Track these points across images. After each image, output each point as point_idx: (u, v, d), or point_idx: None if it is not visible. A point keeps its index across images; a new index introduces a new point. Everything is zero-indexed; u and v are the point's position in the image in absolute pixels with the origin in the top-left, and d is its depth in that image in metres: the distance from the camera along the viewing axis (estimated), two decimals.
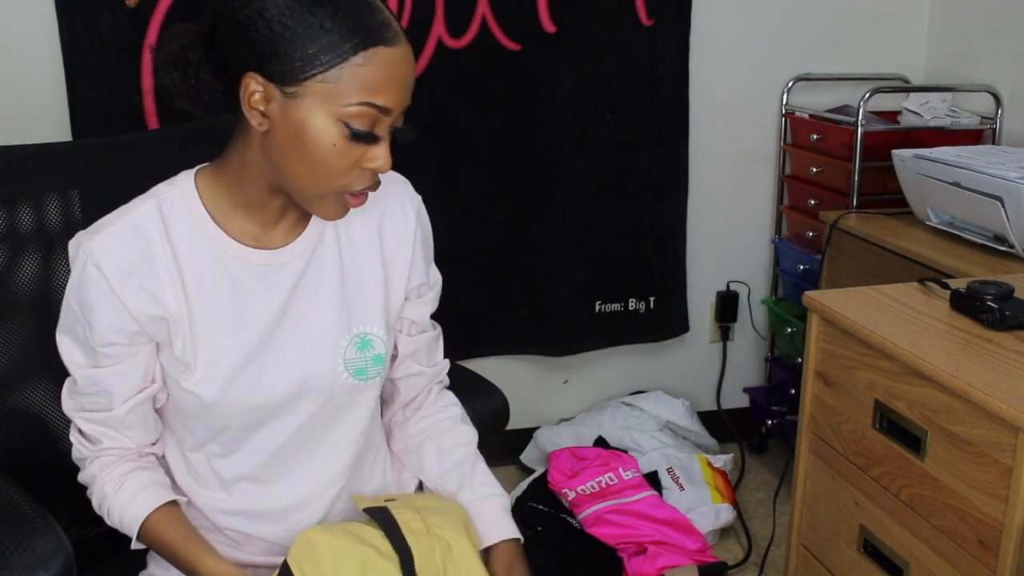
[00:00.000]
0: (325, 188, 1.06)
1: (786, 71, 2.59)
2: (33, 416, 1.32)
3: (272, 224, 1.14)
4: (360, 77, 1.00)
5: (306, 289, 1.16)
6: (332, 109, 1.01)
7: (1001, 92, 2.38)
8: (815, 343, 1.57)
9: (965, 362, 1.30)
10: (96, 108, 2.11)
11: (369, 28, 1.00)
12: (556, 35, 2.36)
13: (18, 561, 1.02)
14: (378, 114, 1.03)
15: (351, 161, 1.04)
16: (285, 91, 1.01)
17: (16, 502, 1.12)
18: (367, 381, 1.19)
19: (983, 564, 1.26)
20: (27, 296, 1.32)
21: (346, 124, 1.02)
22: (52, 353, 1.14)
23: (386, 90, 1.02)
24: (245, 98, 1.03)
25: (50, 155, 1.40)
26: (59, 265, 1.34)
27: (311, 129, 1.02)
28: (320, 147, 1.02)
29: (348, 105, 1.01)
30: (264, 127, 1.04)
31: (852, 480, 1.52)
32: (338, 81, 1.00)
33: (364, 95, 1.01)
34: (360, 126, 1.02)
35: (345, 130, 1.02)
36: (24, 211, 1.33)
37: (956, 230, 2.01)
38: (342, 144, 1.03)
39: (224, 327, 1.12)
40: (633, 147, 2.49)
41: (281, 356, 1.15)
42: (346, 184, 1.06)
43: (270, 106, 1.02)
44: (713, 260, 2.70)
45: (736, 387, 2.83)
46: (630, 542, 2.15)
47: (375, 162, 1.05)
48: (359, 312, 1.19)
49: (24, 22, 2.09)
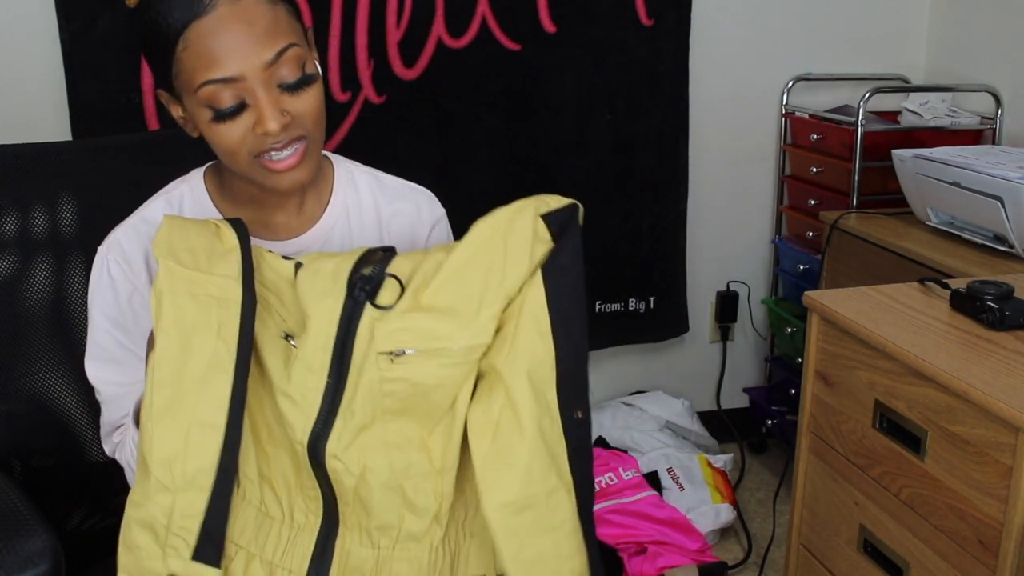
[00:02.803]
0: (241, 164, 1.06)
1: (786, 71, 2.59)
2: (43, 410, 1.32)
3: (280, 216, 1.15)
4: (189, 61, 1.00)
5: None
6: (194, 99, 1.02)
7: (1001, 92, 2.38)
8: (815, 343, 1.57)
9: (965, 362, 1.30)
10: (96, 108, 2.11)
11: (180, 8, 0.99)
12: (556, 35, 2.36)
13: (7, 559, 1.03)
14: (223, 86, 1.00)
15: (239, 135, 1.03)
16: (173, 96, 1.06)
17: (9, 500, 1.12)
18: None
19: (983, 564, 1.26)
20: (30, 293, 1.33)
21: (208, 107, 1.02)
22: (60, 348, 1.15)
23: (217, 60, 0.99)
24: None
25: (50, 155, 1.40)
26: (61, 263, 1.34)
27: (197, 120, 1.04)
28: (209, 134, 1.04)
29: (197, 90, 1.01)
30: (195, 132, 1.08)
31: (852, 480, 1.52)
32: (181, 73, 1.02)
33: (203, 74, 1.00)
34: (220, 104, 1.01)
35: (210, 112, 1.02)
36: (24, 211, 1.33)
37: (956, 230, 2.01)
38: (215, 126, 1.03)
39: None
40: (633, 147, 2.49)
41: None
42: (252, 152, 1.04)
43: (181, 112, 1.07)
44: (713, 260, 2.70)
45: (736, 387, 2.82)
46: (630, 542, 2.15)
47: (261, 127, 1.02)
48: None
49: (24, 22, 2.09)
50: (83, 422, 1.35)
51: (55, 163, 1.39)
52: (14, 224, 1.32)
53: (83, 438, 1.35)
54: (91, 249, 1.32)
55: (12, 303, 1.32)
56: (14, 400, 1.32)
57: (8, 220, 1.32)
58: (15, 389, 1.32)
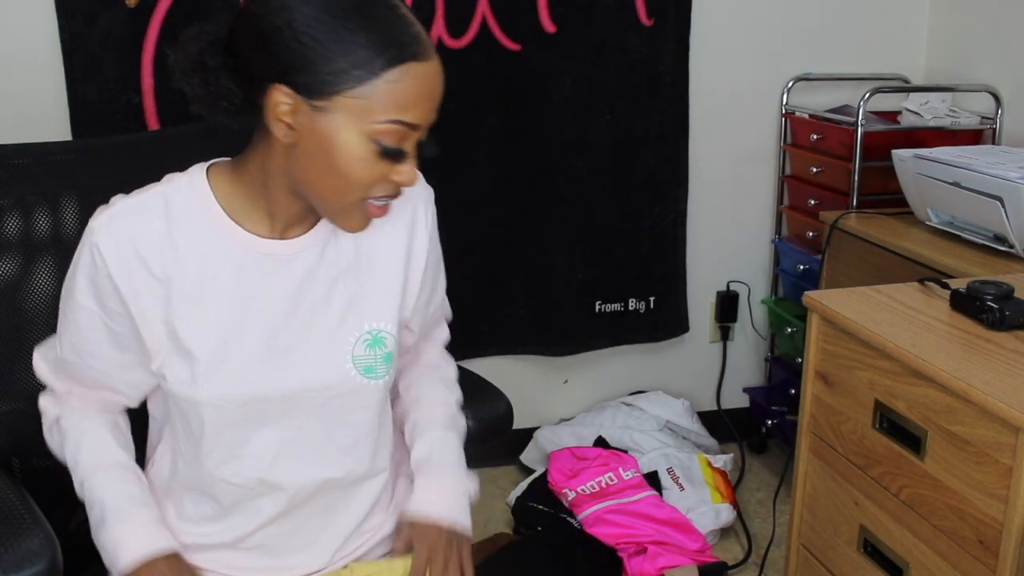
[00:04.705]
0: (349, 200, 1.06)
1: (786, 71, 2.59)
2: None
3: (293, 221, 1.13)
4: (391, 93, 1.00)
5: (319, 281, 1.15)
6: (362, 125, 1.00)
7: (1001, 92, 2.38)
8: (815, 343, 1.57)
9: (965, 362, 1.30)
10: (96, 108, 2.11)
11: (401, 42, 1.00)
12: (556, 35, 2.36)
13: (4, 557, 1.03)
14: (407, 130, 1.02)
15: (377, 175, 1.04)
16: (313, 104, 1.00)
17: (6, 498, 1.12)
18: (376, 380, 1.18)
19: (983, 564, 1.26)
20: (30, 293, 1.33)
21: (375, 140, 1.01)
22: None
23: (416, 106, 1.02)
24: (270, 109, 1.01)
25: (50, 155, 1.40)
26: (60, 263, 1.34)
27: (339, 144, 1.01)
28: (348, 162, 1.02)
29: (378, 122, 1.00)
30: (290, 139, 1.03)
31: (852, 480, 1.52)
32: (369, 97, 0.99)
33: (395, 112, 1.00)
34: (389, 142, 1.02)
35: (374, 146, 1.02)
36: (24, 211, 1.33)
37: (956, 230, 2.01)
38: (371, 160, 1.02)
39: (227, 318, 1.11)
40: (633, 147, 2.49)
41: (287, 350, 1.13)
42: (369, 194, 1.06)
43: (297, 118, 1.01)
44: (713, 260, 2.70)
45: (736, 387, 2.82)
46: (630, 542, 2.15)
47: (402, 176, 1.05)
48: (372, 308, 1.17)
49: (24, 22, 2.09)
50: None
51: (55, 163, 1.39)
52: (14, 224, 1.32)
53: None
54: None
55: (12, 303, 1.32)
56: (14, 399, 1.32)
57: (8, 220, 1.32)
58: (15, 388, 1.32)
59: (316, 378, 1.14)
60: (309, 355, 1.14)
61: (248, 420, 1.13)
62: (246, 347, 1.12)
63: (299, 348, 1.14)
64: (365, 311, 1.17)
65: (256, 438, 1.15)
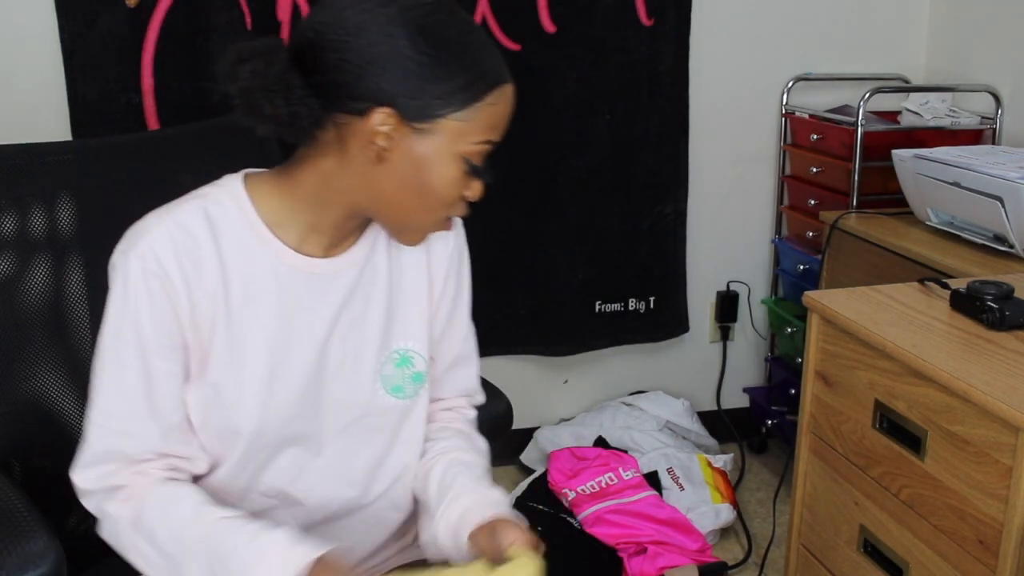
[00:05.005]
0: (430, 218, 1.06)
1: (786, 71, 2.59)
2: (42, 411, 1.32)
3: (338, 239, 1.10)
4: (489, 115, 1.02)
5: (356, 301, 1.12)
6: (459, 146, 1.01)
7: (1001, 92, 2.38)
8: (815, 343, 1.57)
9: (965, 362, 1.30)
10: (96, 108, 2.11)
11: (495, 65, 1.02)
12: (556, 35, 2.36)
13: (8, 560, 1.02)
14: (489, 149, 1.04)
15: (460, 193, 1.05)
16: (414, 127, 0.99)
17: (10, 501, 1.12)
18: (403, 400, 1.15)
19: (983, 564, 1.26)
20: (29, 294, 1.32)
21: (466, 160, 1.02)
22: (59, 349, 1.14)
23: (503, 126, 1.05)
24: (365, 131, 0.99)
25: (50, 155, 1.40)
26: (60, 264, 1.34)
27: (434, 165, 1.01)
28: (440, 181, 1.02)
29: (474, 143, 1.02)
30: (379, 159, 1.00)
31: (852, 480, 1.52)
32: (471, 120, 1.00)
33: (488, 133, 1.03)
34: (477, 162, 1.03)
35: (465, 166, 1.02)
36: (23, 211, 1.33)
37: (956, 230, 2.01)
38: (460, 179, 1.03)
39: (272, 343, 1.07)
40: (633, 147, 2.49)
41: (322, 370, 1.10)
42: (449, 213, 1.07)
43: (392, 139, 0.99)
44: (713, 260, 2.70)
45: (736, 387, 2.82)
46: (630, 542, 2.15)
47: (474, 192, 1.06)
48: (402, 327, 1.15)
49: (24, 22, 2.09)
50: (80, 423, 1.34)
51: (55, 163, 1.39)
52: (13, 225, 1.32)
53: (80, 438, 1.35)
54: (90, 250, 1.33)
55: (11, 304, 1.31)
56: (13, 401, 1.32)
57: (7, 220, 1.32)
58: (14, 390, 1.32)
59: (346, 397, 1.12)
60: (341, 374, 1.12)
61: (281, 440, 1.11)
62: (289, 371, 1.09)
63: (332, 367, 1.11)
64: (395, 330, 1.15)
65: (284, 454, 1.12)
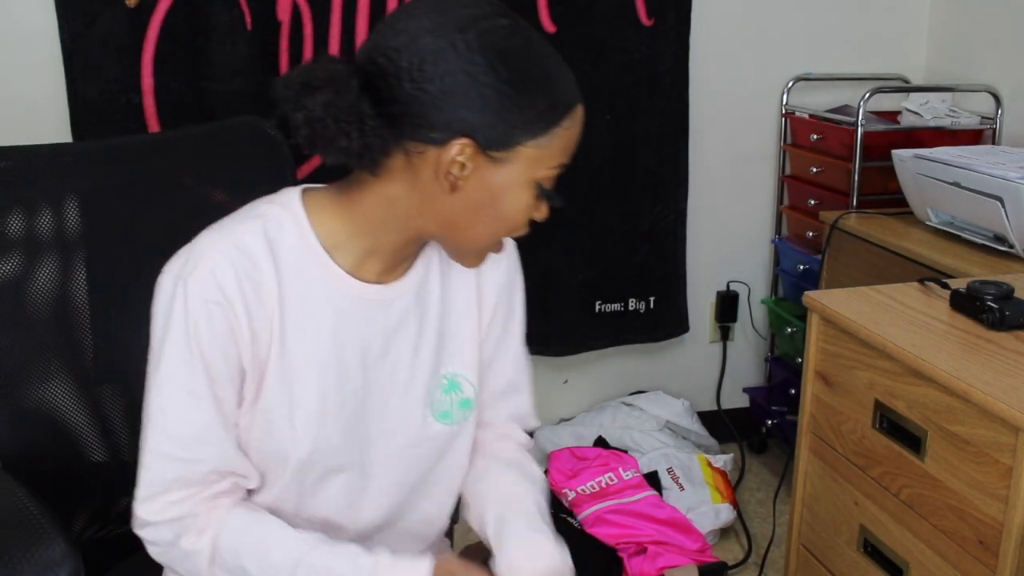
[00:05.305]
0: (496, 240, 1.05)
1: (786, 71, 2.59)
2: (50, 417, 1.31)
3: (394, 264, 1.08)
4: (564, 139, 0.99)
5: (411, 327, 1.10)
6: (534, 172, 0.99)
7: (1001, 92, 2.38)
8: (815, 343, 1.57)
9: (965, 362, 1.30)
10: (96, 108, 2.11)
11: (568, 89, 0.99)
12: (556, 35, 2.36)
13: (25, 567, 1.02)
14: (562, 172, 1.02)
15: (527, 217, 1.03)
16: (491, 156, 0.96)
17: (26, 507, 1.11)
18: (451, 426, 1.13)
19: (983, 564, 1.26)
20: (32, 296, 1.32)
21: (539, 184, 1.00)
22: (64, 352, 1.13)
23: (575, 148, 1.01)
24: (441, 162, 0.96)
25: (50, 157, 1.40)
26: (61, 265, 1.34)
27: (508, 191, 0.99)
28: (515, 207, 1.00)
29: (549, 167, 1.00)
30: (453, 190, 0.98)
31: (852, 480, 1.52)
32: (548, 146, 0.98)
33: (563, 157, 1.00)
34: (549, 186, 1.01)
35: (536, 190, 1.00)
36: (23, 213, 1.32)
37: (956, 230, 2.01)
38: (532, 203, 1.01)
39: (321, 364, 1.05)
40: (633, 147, 2.49)
41: (371, 396, 1.08)
42: (512, 235, 1.05)
43: (467, 169, 0.97)
44: (713, 260, 2.70)
45: (736, 387, 2.83)
46: (630, 542, 2.15)
47: (543, 214, 1.04)
48: (451, 352, 1.13)
49: (24, 22, 2.09)
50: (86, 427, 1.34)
51: (55, 165, 1.38)
52: (14, 226, 1.32)
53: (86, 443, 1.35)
54: (92, 251, 1.32)
55: (15, 306, 1.31)
56: (19, 404, 1.32)
57: (8, 222, 1.32)
58: (20, 393, 1.32)
59: (394, 423, 1.11)
60: (390, 400, 1.10)
61: (328, 468, 1.09)
62: (340, 400, 1.06)
63: (383, 395, 1.10)
64: (444, 355, 1.13)
65: (331, 481, 1.10)
